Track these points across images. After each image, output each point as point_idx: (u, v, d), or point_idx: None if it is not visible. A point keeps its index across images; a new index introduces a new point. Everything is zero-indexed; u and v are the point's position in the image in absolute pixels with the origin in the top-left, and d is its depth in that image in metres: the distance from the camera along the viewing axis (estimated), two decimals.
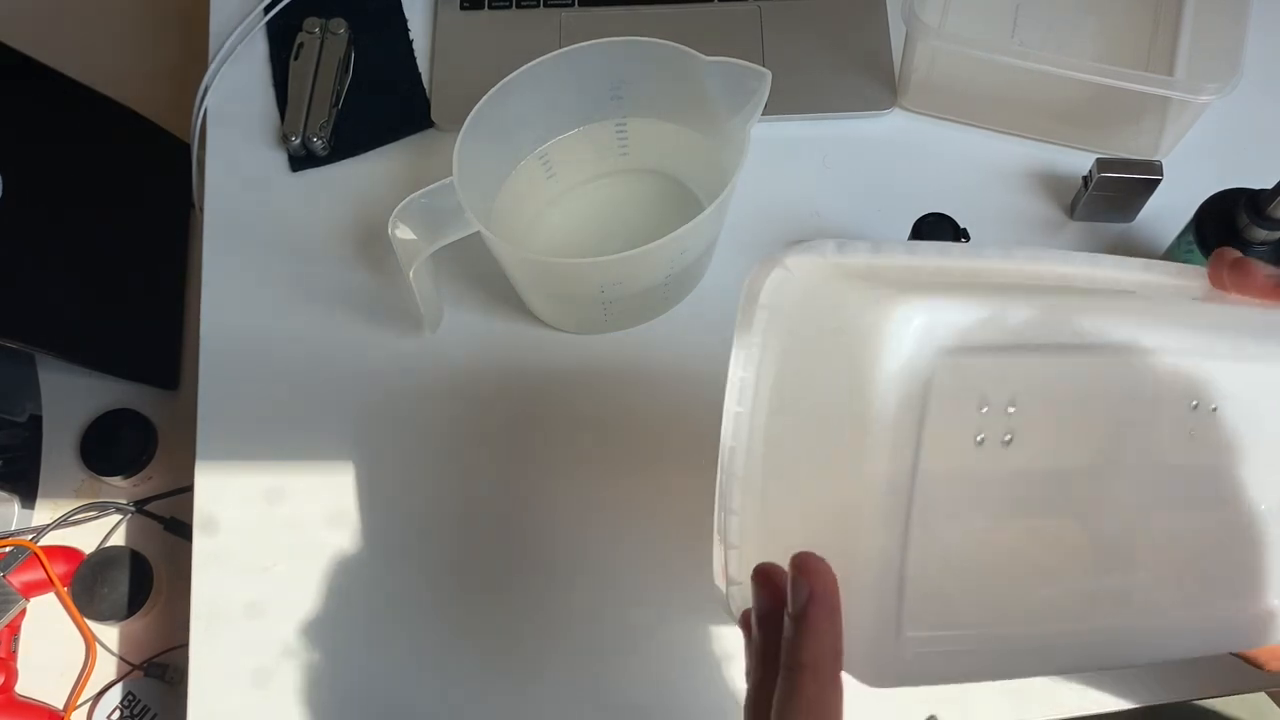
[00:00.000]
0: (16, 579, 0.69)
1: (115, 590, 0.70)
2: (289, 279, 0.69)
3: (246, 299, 0.69)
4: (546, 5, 0.75)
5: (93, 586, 0.70)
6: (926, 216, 0.65)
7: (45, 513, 0.74)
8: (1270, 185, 0.58)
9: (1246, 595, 0.42)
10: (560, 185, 0.69)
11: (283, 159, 0.72)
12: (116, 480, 0.74)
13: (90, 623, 0.70)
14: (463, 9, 0.75)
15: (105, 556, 0.71)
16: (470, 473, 0.66)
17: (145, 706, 0.70)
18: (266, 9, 0.75)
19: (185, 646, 0.62)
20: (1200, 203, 0.63)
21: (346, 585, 0.64)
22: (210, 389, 0.67)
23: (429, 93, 0.73)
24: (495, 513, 0.65)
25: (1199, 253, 0.62)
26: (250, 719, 0.61)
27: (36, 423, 0.75)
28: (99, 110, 0.77)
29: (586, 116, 0.65)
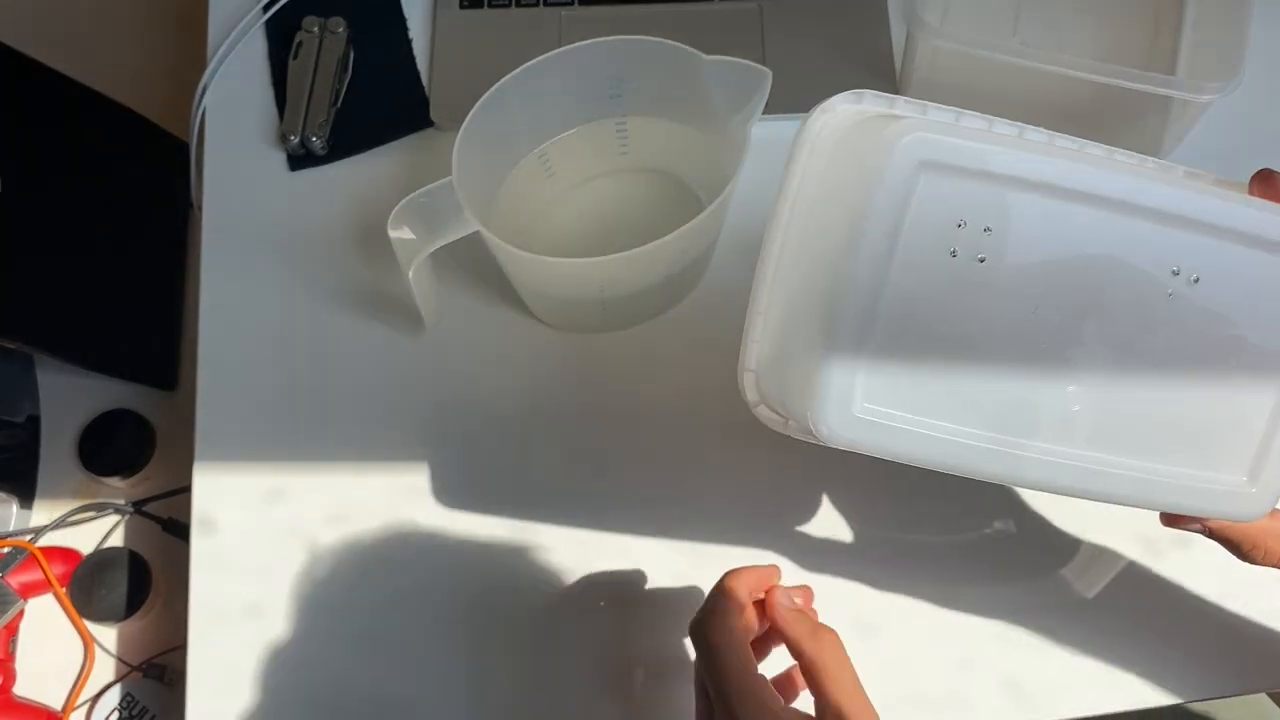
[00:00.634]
0: (14, 580, 0.69)
1: (113, 591, 0.69)
2: (288, 278, 0.69)
3: (245, 299, 0.69)
4: (546, 4, 0.75)
5: (91, 587, 0.69)
6: None
7: (43, 513, 0.74)
8: None
9: (1215, 463, 0.44)
10: (560, 184, 0.69)
11: (282, 158, 0.72)
12: (115, 481, 0.74)
13: (88, 623, 0.70)
14: (462, 8, 0.75)
15: (103, 557, 0.70)
16: (470, 472, 0.65)
17: (144, 707, 0.69)
18: (265, 8, 0.75)
19: (184, 647, 0.62)
20: None
21: (346, 585, 0.63)
22: (209, 389, 0.67)
23: (428, 92, 0.73)
24: (496, 511, 0.65)
25: None
26: None
27: (35, 423, 0.75)
28: (98, 110, 0.76)
29: (586, 115, 0.65)
